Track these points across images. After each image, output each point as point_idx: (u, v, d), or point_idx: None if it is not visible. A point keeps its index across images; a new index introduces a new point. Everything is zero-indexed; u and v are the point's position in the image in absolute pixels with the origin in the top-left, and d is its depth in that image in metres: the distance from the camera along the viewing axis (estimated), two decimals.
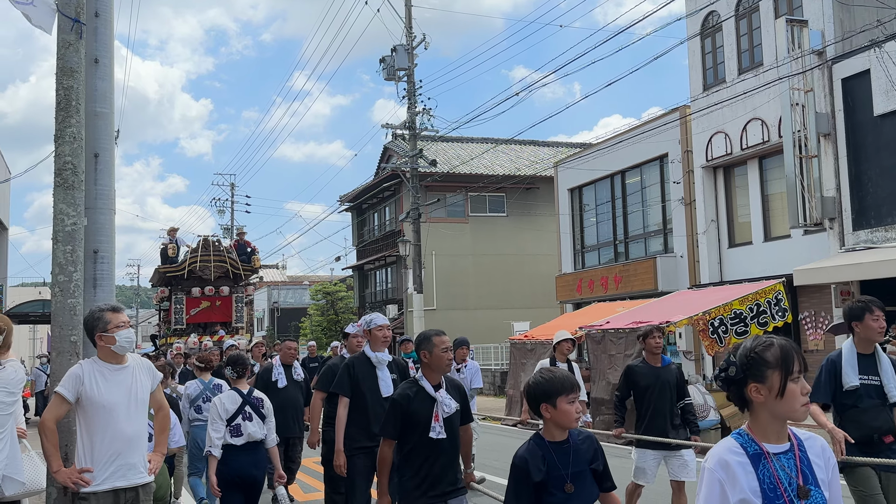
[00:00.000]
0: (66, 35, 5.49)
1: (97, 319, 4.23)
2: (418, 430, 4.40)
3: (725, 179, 18.94)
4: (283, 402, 8.02)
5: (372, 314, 6.07)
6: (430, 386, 4.47)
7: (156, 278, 23.32)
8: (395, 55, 23.88)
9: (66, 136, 5.40)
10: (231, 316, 21.11)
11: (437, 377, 4.52)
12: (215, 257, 20.86)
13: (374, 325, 5.93)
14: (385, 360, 5.91)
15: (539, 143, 36.14)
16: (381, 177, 32.15)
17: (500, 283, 30.63)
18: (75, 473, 4.06)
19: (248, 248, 22.23)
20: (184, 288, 20.75)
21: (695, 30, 19.17)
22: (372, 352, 5.89)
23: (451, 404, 4.46)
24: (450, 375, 4.69)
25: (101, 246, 5.98)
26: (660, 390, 6.66)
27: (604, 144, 22.57)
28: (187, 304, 20.64)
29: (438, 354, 4.47)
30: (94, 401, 4.11)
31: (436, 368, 4.49)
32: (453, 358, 4.16)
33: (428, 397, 4.44)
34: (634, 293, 20.19)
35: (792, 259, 16.11)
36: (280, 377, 8.35)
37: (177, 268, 20.77)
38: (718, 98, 17.99)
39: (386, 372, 5.89)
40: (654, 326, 7.02)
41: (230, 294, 21.08)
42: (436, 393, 4.45)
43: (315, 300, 42.31)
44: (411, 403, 4.41)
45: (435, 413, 4.41)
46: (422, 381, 4.48)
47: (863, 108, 15.10)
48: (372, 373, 5.84)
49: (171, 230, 22.24)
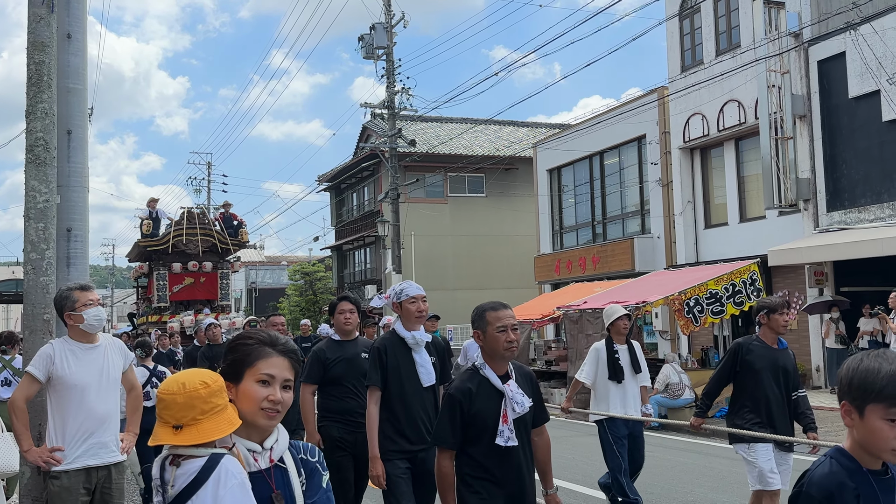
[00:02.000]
0: (37, 9, 5.40)
1: (65, 298, 4.21)
2: (482, 435, 3.46)
3: (702, 161, 19.05)
4: None
5: (403, 283, 4.86)
6: (495, 376, 3.49)
7: (134, 253, 22.15)
8: (374, 33, 23.72)
9: (38, 111, 5.33)
10: (216, 293, 19.95)
11: (501, 365, 3.53)
12: (201, 230, 19.55)
13: (406, 296, 4.71)
14: (423, 340, 4.71)
15: (518, 124, 36.11)
16: (360, 157, 32.03)
17: (479, 263, 30.68)
18: (46, 452, 4.05)
19: (234, 221, 20.99)
20: (165, 263, 19.48)
21: (673, 11, 19.19)
22: (406, 331, 4.68)
23: (523, 401, 3.47)
24: (519, 363, 3.71)
25: (75, 224, 5.92)
26: (775, 376, 5.52)
27: (582, 125, 22.60)
28: (170, 281, 19.45)
29: (493, 335, 3.48)
30: (65, 380, 4.09)
31: (493, 354, 3.51)
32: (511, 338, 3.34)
33: (493, 392, 3.48)
34: (612, 273, 20.31)
35: (767, 240, 16.27)
36: None
37: (158, 241, 19.46)
38: (696, 79, 18.05)
39: (425, 355, 4.72)
40: (784, 301, 5.88)
41: (215, 270, 19.89)
42: (503, 385, 3.48)
43: (293, 280, 42.21)
44: (473, 401, 3.45)
45: (503, 412, 3.45)
46: (484, 370, 3.49)
47: (838, 90, 15.22)
48: (408, 357, 4.67)
49: (151, 201, 20.86)
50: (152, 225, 19.98)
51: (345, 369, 5.40)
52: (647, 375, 6.94)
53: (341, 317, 5.49)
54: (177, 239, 19.23)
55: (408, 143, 25.04)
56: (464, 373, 3.59)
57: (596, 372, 6.68)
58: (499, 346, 3.47)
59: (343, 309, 5.51)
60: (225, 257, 20.20)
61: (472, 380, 3.51)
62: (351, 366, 5.41)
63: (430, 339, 4.80)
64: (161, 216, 20.37)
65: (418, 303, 4.71)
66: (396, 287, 4.79)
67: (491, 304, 3.60)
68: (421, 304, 4.72)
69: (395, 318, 4.78)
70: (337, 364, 5.41)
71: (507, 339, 3.47)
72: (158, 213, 20.43)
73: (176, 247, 19.23)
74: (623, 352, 6.67)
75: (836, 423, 11.74)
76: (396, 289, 4.77)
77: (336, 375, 5.41)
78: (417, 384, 4.65)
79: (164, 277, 19.37)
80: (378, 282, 31.37)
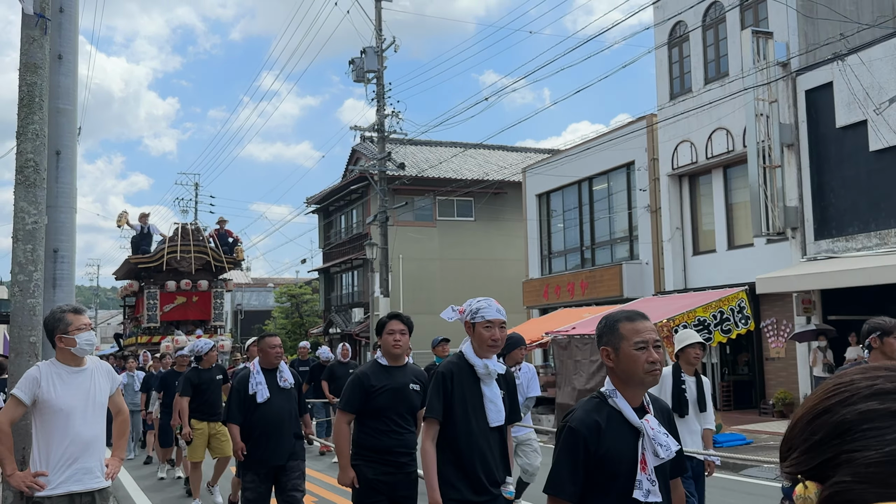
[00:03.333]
0: (30, 30, 5.38)
1: (58, 321, 4.15)
2: (610, 486, 2.64)
3: (691, 188, 19.15)
4: (268, 423, 6.13)
5: (482, 301, 4.00)
6: (629, 409, 2.67)
7: (123, 270, 21.09)
8: (365, 57, 23.82)
9: (29, 132, 5.29)
10: (210, 313, 19.03)
11: (638, 393, 2.72)
12: (195, 247, 18.73)
13: (481, 318, 3.93)
14: (496, 371, 3.94)
15: (508, 149, 36.25)
16: (349, 179, 32.03)
17: (468, 287, 30.57)
18: (29, 477, 3.98)
19: (229, 238, 20.18)
20: (157, 281, 18.58)
21: (662, 39, 19.37)
22: (477, 357, 3.92)
23: (668, 443, 2.66)
24: (654, 394, 2.89)
25: (62, 245, 5.87)
26: None
27: (572, 151, 22.71)
28: (161, 300, 18.51)
29: (630, 354, 2.66)
30: (50, 404, 4.02)
31: (629, 379, 2.67)
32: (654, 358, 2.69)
33: (627, 429, 2.66)
34: (600, 299, 20.32)
35: (755, 267, 16.32)
36: (260, 388, 6.15)
37: (150, 258, 18.62)
38: (685, 107, 18.19)
39: (495, 389, 3.94)
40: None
41: (209, 289, 18.95)
42: (641, 420, 2.67)
43: (280, 303, 42.04)
44: (602, 438, 2.62)
45: (641, 456, 2.63)
46: (615, 400, 2.68)
47: (826, 119, 15.37)
48: (475, 389, 3.90)
49: (142, 216, 19.87)
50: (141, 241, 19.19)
51: (390, 400, 4.69)
52: (713, 416, 6.22)
53: (390, 338, 4.76)
54: (170, 256, 18.44)
55: (397, 166, 25.08)
56: (587, 401, 2.76)
57: None
58: (637, 369, 2.65)
59: (393, 329, 4.79)
60: (219, 275, 19.42)
61: (599, 411, 2.68)
62: (397, 397, 4.71)
63: (503, 370, 4.02)
64: (153, 232, 19.61)
65: (494, 329, 3.91)
66: (473, 303, 4.00)
67: (626, 314, 2.76)
68: (497, 332, 3.91)
69: (464, 340, 4.03)
70: (382, 394, 4.69)
71: (648, 358, 2.65)
72: (150, 228, 19.60)
73: (169, 264, 18.47)
74: (691, 384, 6.04)
75: None
76: (473, 305, 3.99)
77: (379, 407, 4.68)
78: (484, 422, 3.88)
79: (156, 296, 18.53)
80: (365, 305, 31.25)
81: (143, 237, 19.32)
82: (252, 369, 6.24)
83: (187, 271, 18.53)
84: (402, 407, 4.71)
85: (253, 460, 6.09)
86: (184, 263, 18.51)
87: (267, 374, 6.22)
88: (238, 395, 6.21)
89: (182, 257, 18.50)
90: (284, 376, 6.30)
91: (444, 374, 3.90)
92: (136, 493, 10.00)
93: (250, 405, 6.12)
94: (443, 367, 3.96)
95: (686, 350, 6.07)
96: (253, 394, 6.13)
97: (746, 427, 14.27)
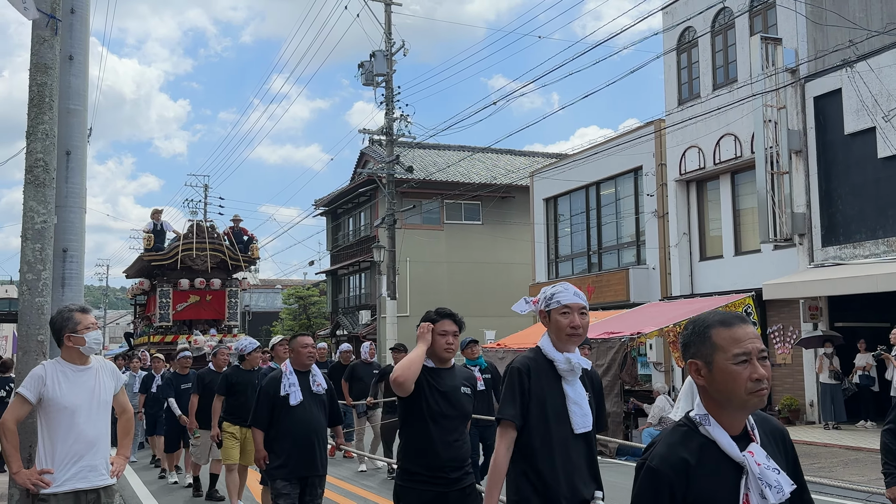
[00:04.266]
0: (41, 31, 5.43)
1: (66, 319, 4.19)
2: None
3: (698, 193, 19.13)
4: (300, 428, 5.62)
5: (557, 286, 3.39)
6: (728, 439, 2.05)
7: (135, 268, 20.71)
8: (374, 61, 23.88)
9: (39, 132, 5.34)
10: (224, 313, 18.55)
11: (738, 419, 2.09)
12: (210, 245, 18.27)
13: (557, 304, 3.31)
14: (581, 366, 3.27)
15: (515, 153, 36.28)
16: (358, 182, 32.10)
17: (474, 291, 30.65)
18: (35, 475, 4.01)
19: (244, 236, 19.69)
20: (171, 279, 18.06)
21: (671, 45, 19.37)
22: (557, 351, 3.26)
23: (780, 482, 2.00)
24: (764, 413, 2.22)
25: (71, 245, 5.92)
26: None
27: (579, 155, 22.72)
28: (174, 299, 17.97)
29: (728, 369, 2.04)
30: (56, 402, 4.06)
31: (728, 400, 2.06)
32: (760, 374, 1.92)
33: (726, 464, 2.03)
34: (607, 304, 20.31)
35: (762, 273, 16.30)
36: (293, 390, 5.67)
37: (164, 255, 18.14)
38: (693, 113, 18.18)
39: (580, 389, 3.26)
40: None
41: (223, 288, 18.48)
42: (744, 454, 2.02)
43: (287, 304, 42.12)
44: (692, 479, 2.01)
45: (744, 500, 2.00)
46: (708, 428, 2.06)
47: (834, 126, 15.34)
48: (556, 388, 3.23)
49: (155, 212, 19.35)
50: (153, 239, 18.75)
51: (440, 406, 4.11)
52: None
53: (443, 340, 4.13)
54: (185, 253, 18.02)
55: (405, 169, 25.12)
56: (671, 432, 2.12)
57: None
58: (738, 389, 2.03)
59: (446, 330, 4.15)
60: (233, 274, 19.00)
61: (688, 444, 2.06)
62: (448, 402, 4.11)
63: (588, 365, 3.35)
64: (166, 229, 19.19)
65: (573, 316, 3.28)
66: (548, 290, 3.40)
67: (720, 318, 2.12)
68: (577, 319, 3.29)
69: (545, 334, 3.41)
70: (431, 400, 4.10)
71: (752, 375, 2.02)
72: (163, 225, 19.18)
73: (183, 262, 18.04)
74: None
75: (830, 459, 11.69)
76: (547, 292, 3.38)
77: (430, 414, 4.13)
78: (567, 428, 3.19)
79: (168, 294, 18.03)
80: (372, 307, 31.30)
81: (156, 234, 18.95)
82: (284, 370, 5.77)
83: (201, 269, 18.09)
84: (454, 413, 4.11)
85: (279, 469, 5.58)
86: (198, 261, 18.09)
87: (299, 375, 5.76)
88: (267, 396, 5.69)
89: (197, 255, 18.08)
90: (318, 381, 5.83)
91: (519, 369, 3.25)
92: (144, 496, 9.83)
93: (281, 408, 5.65)
94: (518, 362, 3.30)
95: None
96: (285, 395, 5.64)
97: None
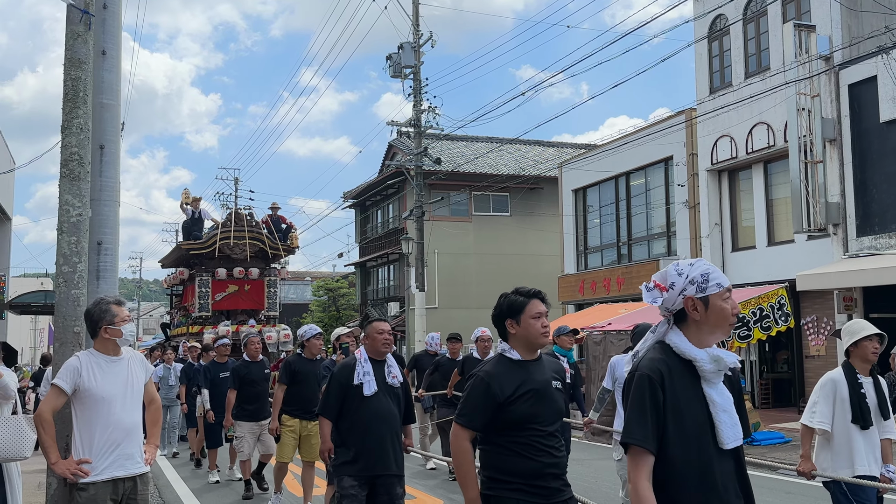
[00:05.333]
0: (74, 26, 5.50)
1: (104, 312, 4.25)
2: None
3: (730, 183, 18.92)
4: (374, 422, 5.15)
5: (699, 263, 2.63)
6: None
7: (172, 257, 20.38)
8: (402, 53, 23.86)
9: (73, 127, 5.41)
10: (263, 303, 18.03)
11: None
12: (249, 233, 17.82)
13: (719, 285, 2.57)
14: (727, 362, 2.56)
15: (544, 144, 36.13)
16: (386, 174, 32.15)
17: (503, 282, 30.51)
18: (73, 465, 4.08)
19: (283, 224, 19.08)
20: (209, 269, 17.71)
21: (702, 33, 19.14)
22: (696, 348, 2.55)
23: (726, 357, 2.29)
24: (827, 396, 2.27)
25: (105, 238, 5.99)
26: None
27: (609, 146, 22.55)
28: (213, 288, 17.60)
29: None
30: (92, 392, 4.12)
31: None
32: None
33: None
34: (637, 295, 20.16)
35: (795, 264, 16.09)
36: (367, 379, 5.20)
37: (202, 244, 17.76)
38: (725, 101, 17.96)
39: (724, 391, 2.57)
40: None
41: (261, 277, 18.01)
42: None
43: (317, 296, 42.38)
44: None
45: None
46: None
47: (869, 114, 15.08)
48: (696, 395, 2.52)
49: (194, 200, 18.88)
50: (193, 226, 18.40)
51: (533, 407, 3.42)
52: (894, 423, 5.02)
53: (537, 323, 3.50)
54: (223, 242, 17.63)
55: (433, 161, 25.11)
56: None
57: (833, 412, 4.87)
58: None
59: (540, 312, 3.53)
60: (272, 263, 18.58)
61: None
62: (543, 401, 3.45)
63: (737, 360, 2.63)
64: (204, 217, 18.80)
65: (732, 300, 2.59)
66: (694, 270, 2.58)
67: None
68: (734, 304, 2.60)
69: (661, 324, 2.66)
70: (522, 399, 3.41)
71: None
72: (202, 213, 18.76)
73: (221, 251, 17.68)
74: (869, 386, 4.91)
75: None
76: (693, 273, 2.57)
77: (520, 416, 3.40)
78: (713, 444, 2.49)
79: (207, 284, 17.63)
80: (401, 299, 31.37)
81: (194, 222, 18.57)
82: (359, 357, 5.30)
83: (240, 258, 17.73)
84: (550, 412, 3.47)
85: (347, 465, 5.10)
86: (237, 250, 17.71)
87: (374, 365, 5.30)
88: (339, 385, 5.22)
89: (235, 243, 17.67)
90: (394, 372, 5.37)
91: (650, 378, 2.48)
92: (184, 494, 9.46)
93: (353, 399, 5.16)
94: (646, 367, 2.52)
95: (862, 344, 4.89)
96: (358, 385, 5.17)
97: (784, 425, 14.09)
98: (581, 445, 12.50)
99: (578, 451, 11.25)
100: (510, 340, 3.56)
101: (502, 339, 3.63)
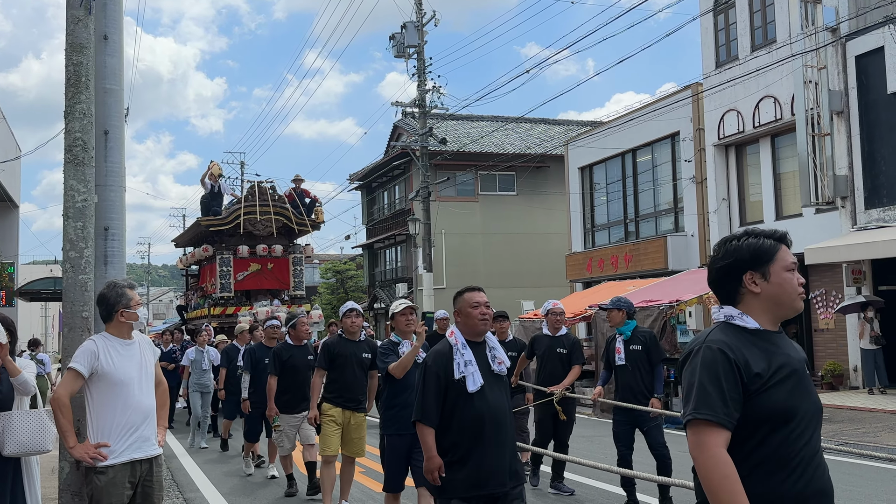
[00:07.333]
0: (75, 11, 5.48)
1: (121, 296, 4.26)
2: None
3: (737, 158, 18.83)
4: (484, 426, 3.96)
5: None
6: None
7: (188, 235, 19.31)
8: (405, 32, 23.74)
9: (76, 112, 5.40)
10: (288, 282, 16.94)
11: None
12: (274, 208, 16.75)
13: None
14: None
15: (550, 122, 35.99)
16: (391, 155, 32.09)
17: (510, 261, 30.61)
18: (92, 448, 4.10)
19: (306, 198, 17.89)
20: (230, 246, 16.65)
21: (708, 6, 18.98)
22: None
23: None
24: None
25: (112, 223, 6.00)
26: None
27: (615, 122, 22.44)
28: (234, 267, 16.56)
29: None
30: (110, 375, 4.15)
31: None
32: None
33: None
34: (645, 272, 20.15)
35: (804, 238, 16.03)
36: (470, 371, 4.00)
37: (223, 220, 16.71)
38: (731, 75, 17.84)
39: None
40: None
41: (286, 255, 16.97)
42: None
43: (325, 279, 42.47)
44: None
45: None
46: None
47: (876, 85, 14.95)
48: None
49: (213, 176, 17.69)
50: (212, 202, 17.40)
51: (792, 396, 2.32)
52: None
53: (793, 279, 2.46)
54: (247, 218, 16.54)
55: (439, 141, 25.03)
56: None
57: None
58: None
59: (794, 263, 2.53)
60: (294, 240, 17.58)
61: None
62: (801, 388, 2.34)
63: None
64: (224, 191, 17.80)
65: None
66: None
67: None
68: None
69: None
70: (780, 384, 2.33)
71: None
72: (221, 187, 17.69)
73: (244, 227, 16.63)
74: None
75: (874, 424, 11.54)
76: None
77: (776, 410, 2.28)
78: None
79: (229, 263, 16.48)
80: (409, 280, 31.42)
81: (213, 197, 17.52)
82: (455, 342, 4.08)
83: (262, 235, 16.66)
84: (807, 408, 2.34)
85: (458, 484, 3.91)
86: (260, 226, 16.65)
87: (473, 349, 4.08)
88: (437, 379, 4.00)
89: (260, 219, 16.57)
90: (498, 356, 4.12)
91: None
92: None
93: (457, 397, 3.97)
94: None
95: None
96: (460, 379, 3.97)
97: None
98: (590, 422, 12.53)
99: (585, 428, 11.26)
100: (743, 302, 2.39)
101: (721, 303, 2.46)
